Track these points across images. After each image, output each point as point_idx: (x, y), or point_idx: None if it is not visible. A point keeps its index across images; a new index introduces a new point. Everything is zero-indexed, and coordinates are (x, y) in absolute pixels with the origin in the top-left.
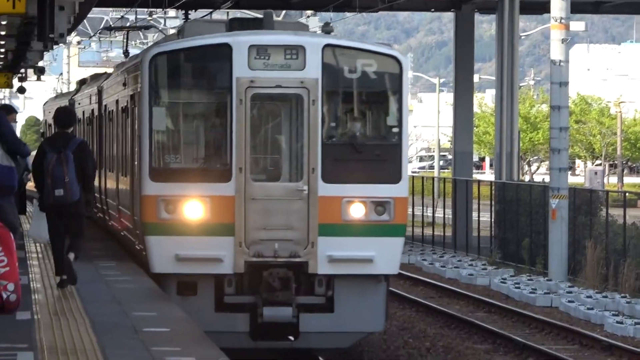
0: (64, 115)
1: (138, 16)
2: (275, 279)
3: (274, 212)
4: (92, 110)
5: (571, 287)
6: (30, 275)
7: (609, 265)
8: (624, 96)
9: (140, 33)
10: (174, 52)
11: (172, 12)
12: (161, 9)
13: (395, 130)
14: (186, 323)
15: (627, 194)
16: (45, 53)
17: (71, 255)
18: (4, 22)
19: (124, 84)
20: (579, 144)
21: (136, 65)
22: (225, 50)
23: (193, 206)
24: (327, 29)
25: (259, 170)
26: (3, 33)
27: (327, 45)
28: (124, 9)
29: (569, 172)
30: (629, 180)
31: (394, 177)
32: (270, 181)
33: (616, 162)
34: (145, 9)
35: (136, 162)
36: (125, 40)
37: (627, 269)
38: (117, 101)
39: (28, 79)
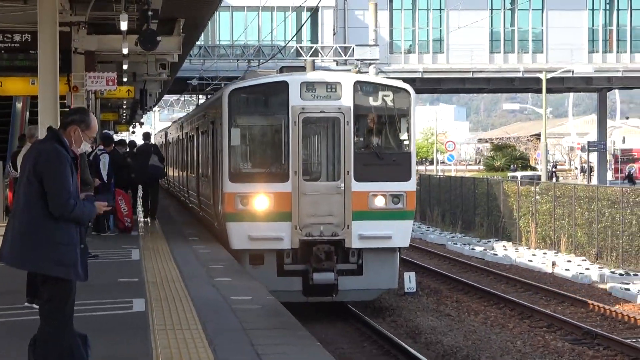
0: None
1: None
2: (322, 252)
3: (320, 203)
4: (178, 135)
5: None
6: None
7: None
8: None
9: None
10: (246, 87)
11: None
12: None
13: (406, 142)
14: (233, 261)
15: None
16: (143, 115)
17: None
18: (125, 102)
19: (204, 116)
20: None
21: (216, 100)
22: (284, 86)
23: (261, 200)
24: (356, 70)
25: (309, 173)
26: (125, 106)
27: (357, 82)
28: (178, 95)
29: None
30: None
31: (406, 176)
32: (316, 181)
33: None
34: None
35: (218, 168)
36: (197, 100)
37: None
38: (197, 127)
39: (136, 127)
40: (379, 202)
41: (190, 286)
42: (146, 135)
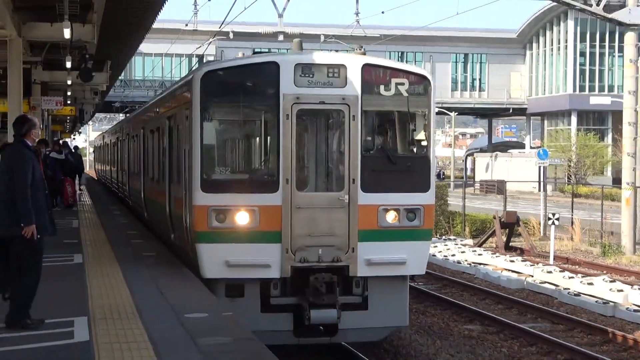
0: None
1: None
2: (321, 283)
3: (318, 220)
4: (118, 137)
5: None
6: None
7: None
8: None
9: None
10: (224, 69)
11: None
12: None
13: (423, 143)
14: (143, 229)
15: None
16: (81, 127)
17: None
18: (68, 118)
19: (157, 111)
20: None
21: (182, 87)
22: (273, 68)
23: (242, 215)
24: (361, 51)
25: (304, 181)
26: (68, 121)
27: (366, 65)
28: (106, 113)
29: None
30: None
31: (424, 186)
32: (314, 191)
33: None
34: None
35: (185, 174)
36: (125, 115)
37: None
38: (143, 127)
39: (76, 135)
40: (391, 218)
41: (114, 246)
42: (64, 144)
